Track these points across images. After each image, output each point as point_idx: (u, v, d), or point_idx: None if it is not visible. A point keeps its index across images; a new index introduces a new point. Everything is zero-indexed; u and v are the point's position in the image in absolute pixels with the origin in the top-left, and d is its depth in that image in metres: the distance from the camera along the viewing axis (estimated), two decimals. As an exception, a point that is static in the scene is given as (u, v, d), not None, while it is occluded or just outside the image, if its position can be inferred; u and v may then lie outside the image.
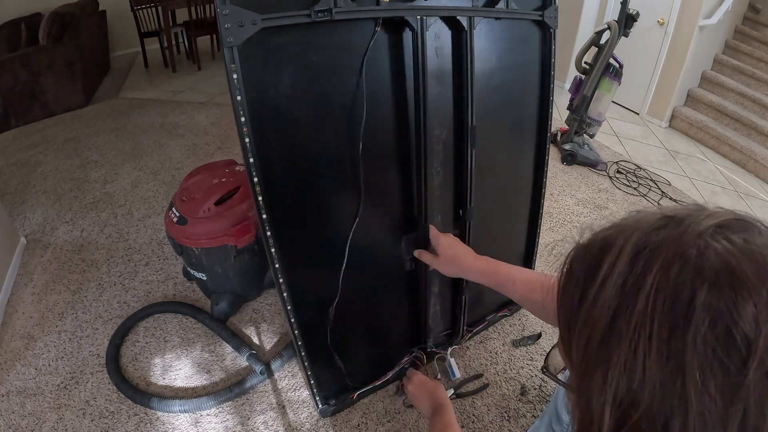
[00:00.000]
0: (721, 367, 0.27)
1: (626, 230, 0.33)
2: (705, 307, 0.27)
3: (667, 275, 0.29)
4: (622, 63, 2.41)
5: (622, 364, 0.29)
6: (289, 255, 0.96)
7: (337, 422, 1.21)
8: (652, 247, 0.31)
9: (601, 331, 0.31)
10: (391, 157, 1.03)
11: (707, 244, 0.29)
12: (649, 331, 0.29)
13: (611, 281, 0.31)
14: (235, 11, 0.73)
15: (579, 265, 0.36)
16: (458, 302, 1.33)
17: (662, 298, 0.29)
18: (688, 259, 0.29)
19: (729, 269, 0.28)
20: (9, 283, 1.67)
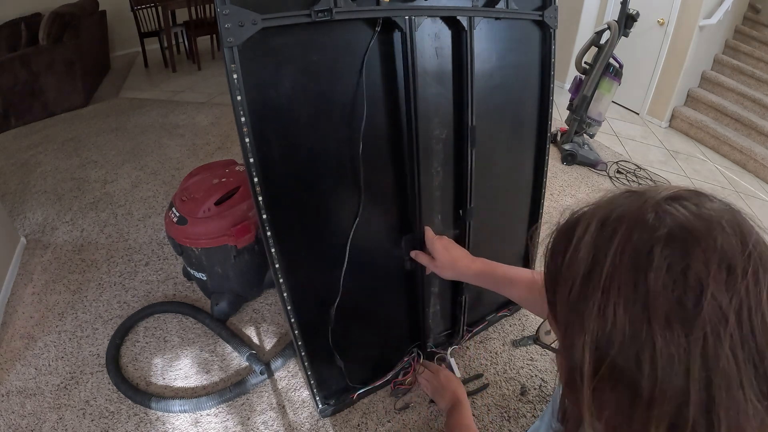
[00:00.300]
0: (680, 304, 0.32)
1: (595, 205, 0.40)
2: (662, 257, 0.33)
3: (630, 235, 0.35)
4: (622, 63, 2.41)
5: (596, 312, 0.35)
6: (289, 255, 0.96)
7: (337, 422, 1.21)
8: (617, 215, 0.37)
9: (578, 286, 0.37)
10: (390, 157, 1.03)
11: (664, 209, 0.35)
12: (618, 281, 0.34)
13: (584, 244, 0.37)
14: (235, 11, 0.73)
15: (559, 236, 0.42)
16: (458, 302, 1.33)
17: (627, 253, 0.34)
18: (646, 222, 0.35)
19: (682, 226, 0.34)
20: (9, 283, 1.67)
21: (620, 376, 0.34)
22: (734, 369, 0.31)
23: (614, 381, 0.35)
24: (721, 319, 0.31)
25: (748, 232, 0.34)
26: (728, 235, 0.33)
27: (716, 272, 0.32)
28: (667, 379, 0.32)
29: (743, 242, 0.33)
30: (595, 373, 0.35)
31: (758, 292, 0.31)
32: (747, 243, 0.33)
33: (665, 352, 0.32)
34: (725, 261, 0.32)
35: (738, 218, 0.35)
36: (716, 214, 0.34)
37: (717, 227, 0.33)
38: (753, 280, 0.32)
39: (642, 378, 0.33)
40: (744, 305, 0.31)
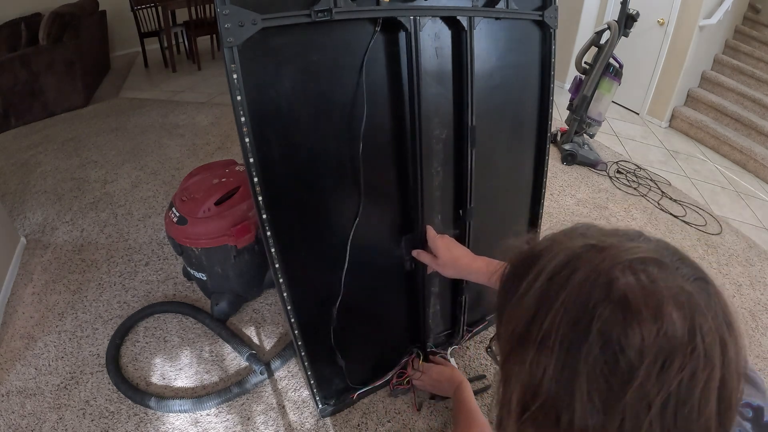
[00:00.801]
0: (606, 383, 0.31)
1: (555, 247, 0.38)
2: (600, 332, 0.32)
3: (575, 296, 0.34)
4: (622, 63, 2.41)
5: (530, 362, 0.35)
6: (289, 255, 0.96)
7: (337, 422, 1.21)
8: (570, 269, 0.35)
9: (519, 332, 0.37)
10: (390, 157, 1.03)
11: (616, 276, 0.33)
12: (553, 342, 0.34)
13: (532, 292, 0.36)
14: (235, 11, 0.73)
15: (514, 269, 0.41)
16: (458, 302, 1.33)
17: (567, 316, 0.33)
18: (595, 286, 0.33)
19: (627, 303, 0.32)
20: (9, 283, 1.67)
21: (543, 422, 0.35)
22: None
23: (536, 425, 0.35)
24: (644, 407, 0.31)
25: (701, 319, 0.32)
26: (675, 322, 0.31)
27: (650, 363, 0.30)
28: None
29: (691, 333, 0.31)
30: (520, 415, 0.36)
31: (691, 387, 0.30)
32: (695, 335, 0.31)
33: (582, 422, 0.32)
34: (663, 353, 0.31)
35: (696, 299, 0.32)
36: (669, 293, 0.32)
37: (666, 310, 0.31)
38: (689, 376, 0.30)
39: (559, 428, 0.33)
40: (672, 398, 0.30)
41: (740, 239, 2.15)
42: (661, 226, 2.16)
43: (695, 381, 0.31)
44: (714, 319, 0.32)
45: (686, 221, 2.22)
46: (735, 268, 1.93)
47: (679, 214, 2.27)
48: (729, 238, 2.14)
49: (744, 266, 1.96)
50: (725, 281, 1.84)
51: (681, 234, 2.12)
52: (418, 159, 1.01)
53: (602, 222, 2.09)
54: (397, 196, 1.08)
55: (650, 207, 2.30)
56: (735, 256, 2.01)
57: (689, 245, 2.05)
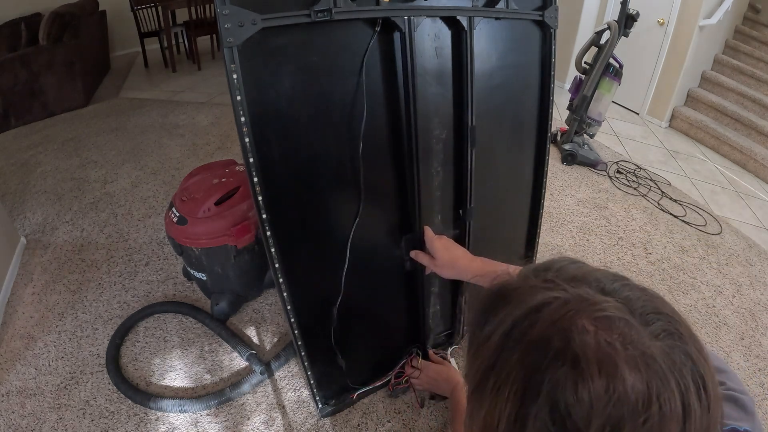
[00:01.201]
0: None
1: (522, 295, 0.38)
2: (549, 395, 0.31)
3: (530, 351, 0.33)
4: (622, 63, 2.41)
5: (487, 405, 0.35)
6: (289, 255, 0.96)
7: (337, 422, 1.21)
8: (531, 321, 0.35)
9: (480, 375, 0.37)
10: (390, 157, 1.03)
11: (573, 336, 0.32)
12: (507, 392, 0.33)
13: (492, 339, 0.37)
14: (235, 11, 0.73)
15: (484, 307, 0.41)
16: (458, 302, 1.33)
17: (522, 370, 0.33)
18: (551, 343, 0.33)
19: (578, 365, 0.31)
20: (9, 283, 1.67)
21: None
22: None
23: None
24: None
25: (659, 387, 0.30)
26: (628, 390, 0.30)
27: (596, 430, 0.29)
28: None
29: (645, 401, 0.30)
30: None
31: None
32: (650, 404, 0.29)
33: None
34: (611, 421, 0.29)
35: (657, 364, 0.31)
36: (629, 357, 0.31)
37: (620, 375, 0.30)
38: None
39: None
40: None
41: (740, 239, 2.15)
42: (661, 226, 2.16)
43: None
44: (678, 383, 0.30)
45: (686, 221, 2.22)
46: (735, 268, 1.93)
47: (679, 214, 2.27)
48: (729, 238, 2.14)
49: (744, 266, 1.96)
50: (725, 281, 1.84)
51: (681, 234, 2.12)
52: (414, 160, 1.01)
53: (603, 221, 2.09)
54: (397, 196, 1.08)
55: (650, 207, 2.30)
56: (735, 256, 2.01)
57: (689, 245, 2.05)
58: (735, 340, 1.57)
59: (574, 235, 2.01)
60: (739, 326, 1.63)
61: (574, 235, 2.02)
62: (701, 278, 1.85)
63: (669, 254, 1.97)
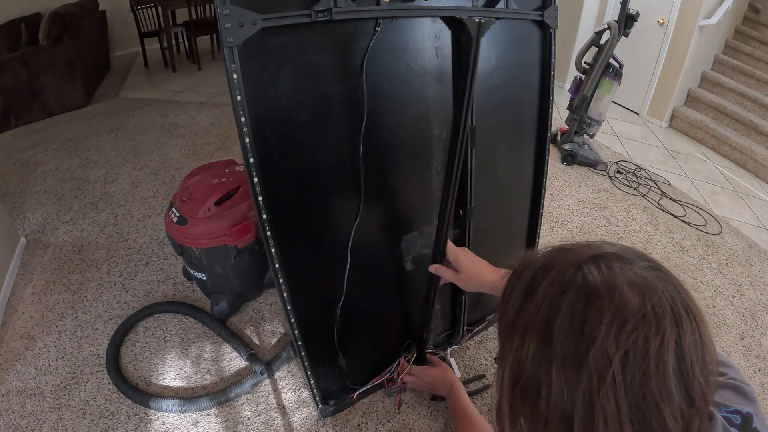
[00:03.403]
0: (575, 348, 0.39)
1: (537, 256, 0.47)
2: (568, 309, 0.40)
3: (550, 287, 0.43)
4: (622, 63, 2.41)
5: (516, 343, 0.43)
6: (289, 255, 0.96)
7: (337, 422, 1.21)
8: (547, 267, 0.45)
9: (510, 320, 0.46)
10: (391, 158, 1.03)
11: (581, 269, 0.42)
12: (535, 323, 0.42)
13: (518, 288, 0.46)
14: (235, 11, 0.73)
15: (510, 277, 0.50)
16: (458, 302, 1.33)
17: (544, 301, 0.42)
18: (566, 276, 0.42)
19: (589, 285, 0.40)
20: (9, 283, 1.67)
21: (527, 397, 0.43)
22: (613, 408, 0.37)
23: (523, 399, 0.43)
24: (606, 364, 0.37)
25: (651, 293, 0.39)
26: (627, 295, 0.39)
27: (608, 326, 0.38)
28: (557, 407, 0.40)
29: (642, 303, 0.38)
30: (512, 390, 0.44)
31: (646, 347, 0.37)
32: (645, 304, 0.38)
33: (557, 384, 0.39)
34: (618, 317, 0.38)
35: (648, 281, 0.40)
36: (624, 277, 0.40)
37: (619, 287, 0.39)
38: (643, 336, 0.37)
39: (540, 401, 0.41)
40: (629, 355, 0.37)
41: (740, 239, 2.15)
42: (661, 226, 2.16)
43: (648, 342, 0.37)
44: (665, 296, 0.39)
45: (686, 221, 2.22)
46: (735, 268, 1.93)
47: (679, 214, 2.27)
48: (729, 238, 2.14)
49: (744, 266, 1.96)
50: (725, 281, 1.84)
51: (681, 234, 2.12)
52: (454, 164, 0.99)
53: (603, 221, 2.09)
54: (397, 197, 1.08)
55: (650, 207, 2.30)
56: (735, 256, 2.01)
57: (689, 245, 2.05)
58: (735, 340, 1.57)
59: (574, 235, 2.01)
60: (739, 326, 1.63)
61: (574, 235, 2.02)
62: (701, 278, 1.85)
63: (669, 254, 1.97)
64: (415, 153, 1.06)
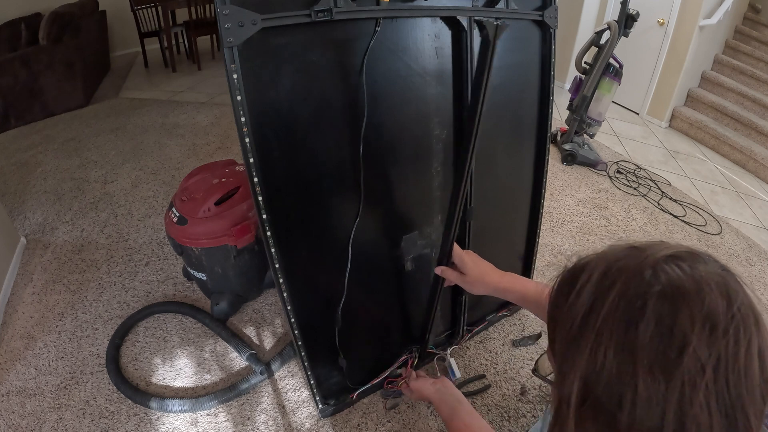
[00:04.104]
0: (663, 355, 0.36)
1: (600, 256, 0.44)
2: (654, 311, 0.37)
3: (626, 288, 0.39)
4: (622, 63, 2.41)
5: (588, 351, 0.39)
6: (289, 255, 0.96)
7: (337, 422, 1.21)
8: (618, 267, 0.40)
9: (576, 326, 0.41)
10: (391, 158, 1.03)
11: (661, 267, 0.39)
12: (611, 328, 0.38)
13: (585, 290, 0.41)
14: (235, 11, 0.73)
15: (563, 283, 0.46)
16: (458, 302, 1.33)
17: (622, 304, 0.38)
18: (643, 277, 0.39)
19: (674, 286, 0.37)
20: (9, 283, 1.67)
21: (602, 411, 0.38)
22: (706, 416, 0.34)
23: (596, 414, 0.39)
24: (699, 371, 0.34)
25: (734, 294, 0.37)
26: (715, 297, 0.36)
27: (700, 329, 0.35)
28: (643, 420, 0.36)
29: (729, 304, 0.36)
30: (581, 405, 0.39)
31: (737, 350, 0.35)
32: (732, 305, 0.36)
33: (644, 395, 0.36)
34: (709, 320, 0.35)
35: (728, 280, 0.38)
36: (707, 276, 0.38)
37: (706, 288, 0.37)
38: (733, 339, 0.35)
39: (622, 415, 0.37)
40: (722, 361, 0.35)
41: (740, 239, 2.15)
42: (661, 226, 2.16)
43: (738, 345, 0.35)
44: (744, 297, 0.37)
45: (686, 221, 2.22)
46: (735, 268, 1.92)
47: (679, 214, 2.27)
48: (729, 238, 2.14)
49: (744, 266, 1.96)
50: (725, 281, 1.84)
51: (681, 234, 2.12)
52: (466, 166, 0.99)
53: (603, 221, 2.09)
54: (398, 197, 1.08)
55: (650, 207, 2.30)
56: (735, 256, 2.01)
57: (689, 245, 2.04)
58: (735, 340, 1.57)
59: (574, 235, 2.01)
60: (739, 326, 1.63)
61: (574, 235, 2.02)
62: (701, 278, 1.85)
63: (669, 254, 1.97)
64: (415, 153, 1.06)
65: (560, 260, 1.84)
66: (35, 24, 3.46)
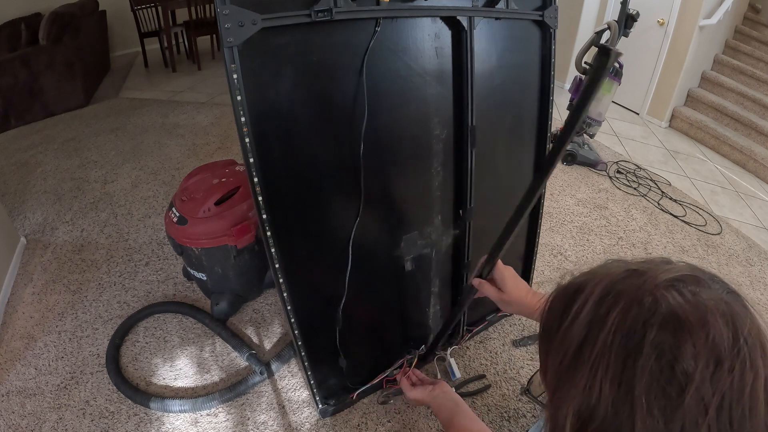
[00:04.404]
0: (663, 393, 0.33)
1: (596, 278, 0.40)
2: (653, 345, 0.34)
3: (624, 317, 0.36)
4: (622, 63, 2.41)
5: (583, 385, 0.36)
6: (289, 255, 0.96)
7: (337, 422, 1.21)
8: (615, 293, 0.37)
9: (569, 357, 0.38)
10: (391, 157, 1.03)
11: (661, 294, 0.36)
12: (607, 360, 0.35)
13: (580, 318, 0.38)
14: (235, 11, 0.73)
15: (557, 304, 0.43)
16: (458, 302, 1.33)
17: (619, 335, 0.35)
18: (643, 305, 0.35)
19: (676, 316, 0.34)
20: (9, 283, 1.67)
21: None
22: None
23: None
24: (701, 411, 0.32)
25: (740, 323, 0.34)
26: (720, 327, 0.34)
27: (703, 367, 0.33)
28: None
29: (735, 336, 0.33)
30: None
31: (742, 387, 0.32)
32: (738, 337, 0.33)
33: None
34: (714, 355, 0.33)
35: (733, 307, 0.35)
36: (711, 304, 0.35)
37: (710, 318, 0.34)
38: (739, 375, 0.32)
39: None
40: (726, 398, 0.32)
41: (740, 239, 2.15)
42: (661, 226, 2.16)
43: (744, 381, 0.32)
44: (753, 325, 0.35)
45: (686, 221, 2.22)
46: (735, 268, 1.93)
47: (679, 214, 2.27)
48: (729, 238, 2.14)
49: (744, 266, 1.96)
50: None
51: (681, 234, 2.12)
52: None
53: (603, 221, 2.09)
54: (398, 197, 1.08)
55: (650, 207, 2.30)
56: (735, 256, 2.01)
57: (689, 245, 2.05)
58: (735, 340, 1.57)
59: (574, 235, 2.01)
60: (739, 326, 1.63)
61: (574, 235, 2.02)
62: (701, 278, 1.85)
63: (669, 254, 1.97)
64: (415, 153, 1.06)
65: (560, 260, 1.85)
66: (35, 24, 3.46)
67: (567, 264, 1.82)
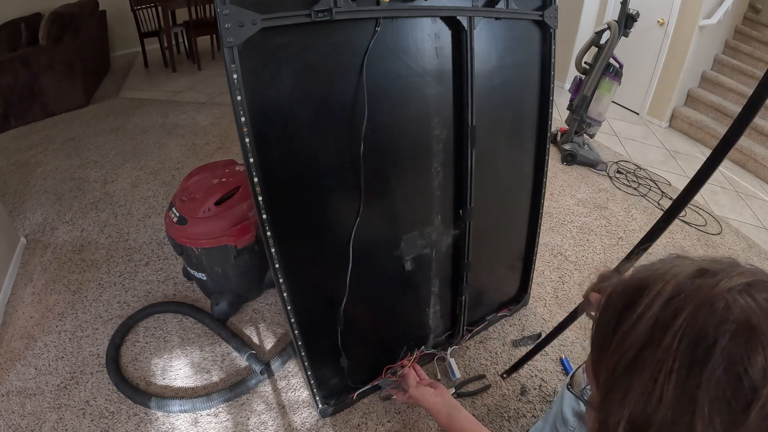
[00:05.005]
0: (728, 406, 0.31)
1: (665, 275, 0.38)
2: (723, 353, 0.31)
3: (694, 321, 0.33)
4: (622, 63, 2.41)
5: (641, 390, 0.34)
6: (289, 255, 0.96)
7: (337, 422, 1.21)
8: (686, 294, 0.35)
9: (628, 360, 0.36)
10: (391, 158, 1.03)
11: (734, 298, 0.33)
12: (671, 366, 0.33)
13: (644, 319, 0.36)
14: (235, 11, 0.73)
15: (617, 298, 0.40)
16: (458, 302, 1.33)
17: (687, 340, 0.33)
18: (715, 310, 0.33)
19: (749, 324, 0.32)
20: (9, 283, 1.67)
21: None
22: None
23: None
24: (765, 428, 0.30)
25: None
26: None
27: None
28: None
29: None
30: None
31: None
32: None
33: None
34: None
35: None
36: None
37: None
38: None
39: None
40: None
41: (740, 239, 2.15)
42: (661, 226, 2.15)
43: None
44: None
45: (686, 221, 2.22)
46: None
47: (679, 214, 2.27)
48: (729, 238, 2.14)
49: (744, 266, 1.95)
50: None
51: (681, 234, 2.12)
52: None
53: (603, 221, 2.09)
54: (398, 197, 1.08)
55: (650, 207, 2.30)
56: (735, 256, 2.00)
57: (689, 245, 2.05)
58: (735, 340, 1.57)
59: (574, 235, 2.01)
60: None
61: (574, 235, 2.02)
62: (701, 278, 1.85)
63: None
64: (415, 153, 1.06)
65: (560, 260, 1.84)
66: (35, 24, 3.46)
67: (567, 264, 1.82)
